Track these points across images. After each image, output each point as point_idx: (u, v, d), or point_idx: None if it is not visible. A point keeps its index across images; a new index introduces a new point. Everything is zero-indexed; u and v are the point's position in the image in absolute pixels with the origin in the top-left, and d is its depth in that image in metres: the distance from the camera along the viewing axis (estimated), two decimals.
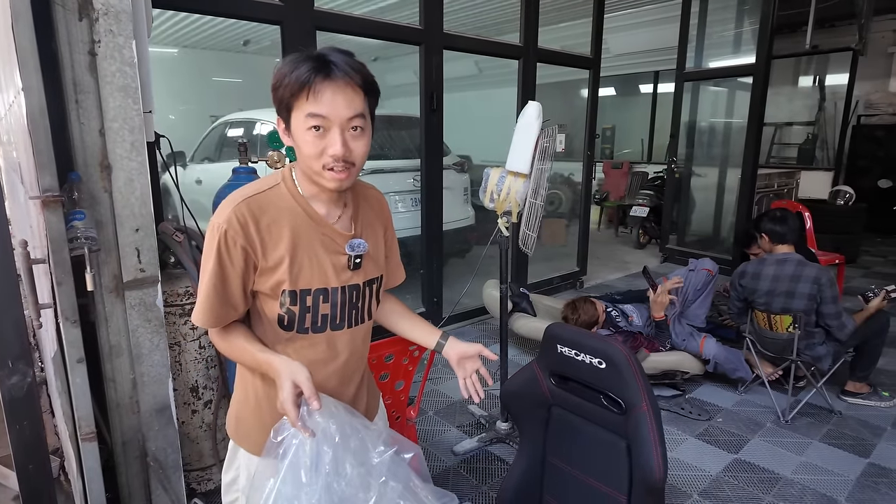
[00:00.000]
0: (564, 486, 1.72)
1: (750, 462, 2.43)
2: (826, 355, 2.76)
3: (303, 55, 0.98)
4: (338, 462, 1.01)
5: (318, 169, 1.00)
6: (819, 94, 8.32)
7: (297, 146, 1.01)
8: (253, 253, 1.02)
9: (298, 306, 1.07)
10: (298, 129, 0.99)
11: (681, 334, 3.05)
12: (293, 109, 0.99)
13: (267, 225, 1.02)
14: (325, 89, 0.96)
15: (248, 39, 7.94)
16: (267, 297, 1.06)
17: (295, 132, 1.00)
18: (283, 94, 0.98)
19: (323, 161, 0.99)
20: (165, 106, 7.38)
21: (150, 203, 1.64)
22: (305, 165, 1.02)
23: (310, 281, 1.07)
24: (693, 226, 6.52)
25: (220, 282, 1.02)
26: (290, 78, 0.96)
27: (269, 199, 1.04)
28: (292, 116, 1.00)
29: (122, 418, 1.69)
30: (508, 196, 2.35)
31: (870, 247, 6.66)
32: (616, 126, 10.69)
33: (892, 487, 2.25)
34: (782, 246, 2.84)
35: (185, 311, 2.04)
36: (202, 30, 7.26)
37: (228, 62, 8.59)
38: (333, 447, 1.00)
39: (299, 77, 0.95)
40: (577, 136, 5.52)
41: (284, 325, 1.08)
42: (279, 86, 0.99)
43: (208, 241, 1.02)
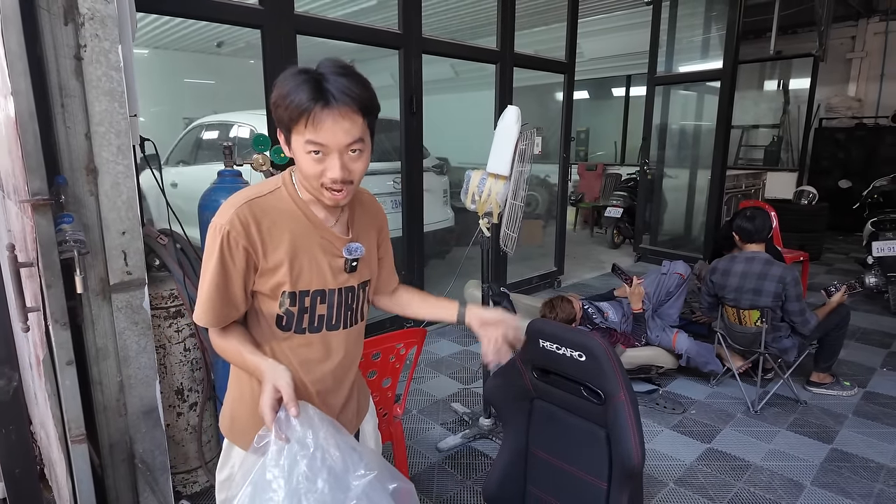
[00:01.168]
0: (547, 476, 1.78)
1: (722, 451, 2.54)
2: (792, 347, 2.90)
3: (302, 75, 0.97)
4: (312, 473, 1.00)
5: (316, 186, 1.03)
6: (783, 97, 8.64)
7: (297, 162, 1.03)
8: (254, 254, 1.05)
9: (297, 307, 1.10)
10: (298, 150, 1.01)
11: (654, 330, 3.16)
12: (292, 132, 1.00)
13: (268, 227, 1.05)
14: (324, 119, 0.95)
15: (222, 41, 7.85)
16: (266, 297, 1.09)
17: (295, 151, 1.02)
18: (282, 116, 0.99)
19: (322, 181, 1.02)
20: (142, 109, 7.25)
21: (137, 206, 1.65)
22: (306, 177, 1.04)
23: (308, 282, 1.10)
24: (665, 226, 6.71)
25: (222, 281, 1.04)
26: (289, 101, 0.96)
27: (270, 203, 1.06)
28: (292, 137, 1.01)
29: (110, 421, 1.69)
30: (489, 198, 2.41)
31: (832, 244, 6.95)
32: (590, 129, 10.90)
33: (853, 471, 2.38)
34: (751, 244, 2.97)
35: (170, 313, 2.04)
36: (175, 31, 7.16)
37: (201, 64, 8.48)
38: (308, 458, 1.00)
39: (299, 105, 0.95)
40: (552, 139, 5.63)
41: (283, 325, 1.11)
42: (278, 106, 0.99)
43: (210, 241, 1.04)
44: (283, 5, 2.80)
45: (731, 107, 5.41)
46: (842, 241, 7.24)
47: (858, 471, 2.38)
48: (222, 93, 7.85)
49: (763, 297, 2.80)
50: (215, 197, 1.82)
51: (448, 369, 3.41)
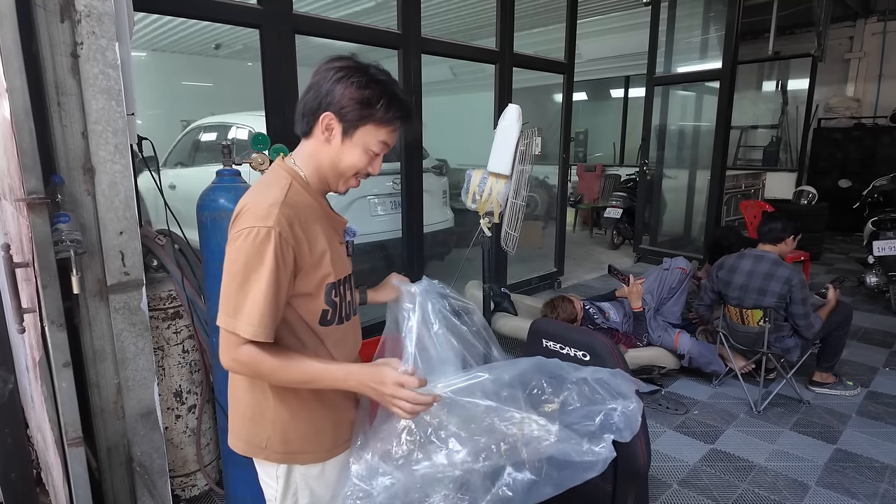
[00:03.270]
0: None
1: (725, 451, 2.52)
2: (794, 347, 2.88)
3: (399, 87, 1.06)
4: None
5: (346, 176, 1.09)
6: (782, 98, 8.64)
7: (339, 152, 1.06)
8: (298, 253, 1.01)
9: (339, 297, 1.10)
10: (359, 145, 1.05)
11: (656, 330, 3.14)
12: (367, 127, 1.04)
13: (305, 221, 1.03)
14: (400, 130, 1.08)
15: (220, 43, 7.83)
16: (308, 296, 1.05)
17: (349, 144, 1.05)
18: (372, 114, 1.03)
19: (356, 173, 1.09)
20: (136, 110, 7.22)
21: (135, 206, 1.63)
22: (337, 169, 1.07)
23: (339, 270, 1.10)
24: (665, 226, 6.69)
25: (277, 288, 0.97)
26: (385, 104, 1.03)
27: (295, 197, 1.04)
28: (363, 131, 1.04)
29: (107, 424, 1.67)
30: (490, 197, 2.39)
31: (832, 244, 6.94)
32: (588, 130, 10.90)
33: (858, 471, 2.36)
34: (763, 244, 2.95)
35: (169, 315, 2.02)
36: (172, 33, 7.14)
37: (200, 66, 8.46)
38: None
39: (398, 111, 1.05)
40: (551, 140, 5.61)
41: (327, 319, 1.09)
42: (371, 103, 1.02)
43: (255, 246, 0.96)
44: (281, 5, 2.79)
45: (730, 107, 5.40)
46: (841, 241, 7.24)
47: (863, 471, 2.36)
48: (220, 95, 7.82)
49: (768, 298, 2.78)
50: (214, 197, 1.80)
51: None
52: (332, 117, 1.03)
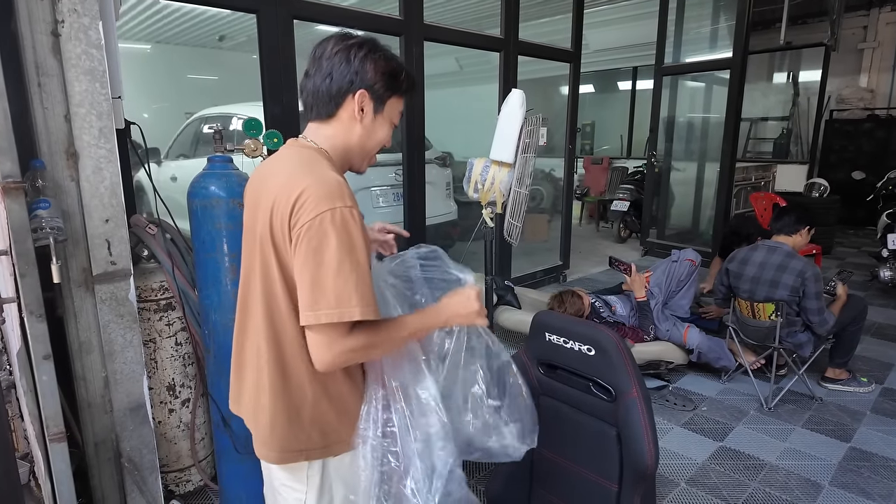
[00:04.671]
0: (554, 476, 1.69)
1: (735, 449, 2.45)
2: (807, 342, 2.79)
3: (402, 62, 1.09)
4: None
5: (372, 153, 1.12)
6: (793, 89, 8.48)
7: (371, 130, 1.07)
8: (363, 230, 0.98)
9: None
10: (386, 117, 1.08)
11: (664, 324, 3.06)
12: (393, 99, 1.08)
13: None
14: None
15: (224, 35, 7.77)
16: None
17: (380, 119, 1.07)
18: (399, 85, 1.06)
19: (378, 148, 1.11)
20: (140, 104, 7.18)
21: (121, 192, 1.57)
22: (366, 147, 1.09)
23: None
24: (673, 219, 6.58)
25: (367, 265, 0.95)
26: (405, 76, 1.07)
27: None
28: (390, 104, 1.08)
29: (94, 418, 1.62)
30: (493, 186, 2.31)
31: (843, 238, 6.81)
32: (595, 122, 10.76)
33: (873, 471, 2.28)
34: (777, 236, 2.86)
35: (161, 306, 1.96)
36: (176, 24, 7.07)
37: (204, 58, 8.40)
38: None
39: (412, 83, 1.10)
40: (557, 132, 5.51)
41: None
42: (396, 74, 1.05)
43: (338, 226, 0.91)
44: None
45: (740, 97, 5.28)
46: (853, 234, 7.10)
47: (879, 470, 2.28)
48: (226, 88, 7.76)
49: (780, 290, 2.69)
50: (205, 184, 1.73)
51: None
52: (366, 95, 1.03)
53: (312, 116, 1.07)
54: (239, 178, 1.79)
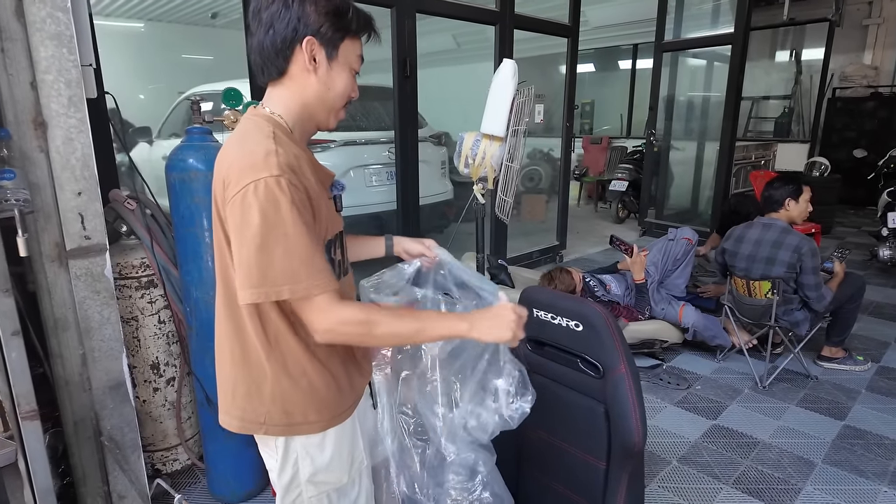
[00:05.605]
0: (542, 455, 1.67)
1: (728, 427, 2.43)
2: (804, 320, 2.76)
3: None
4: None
5: (338, 106, 1.02)
6: (795, 67, 8.33)
7: (327, 80, 0.98)
8: (309, 201, 0.91)
9: (335, 254, 1.03)
10: (342, 64, 0.99)
11: (659, 303, 3.03)
12: (346, 42, 0.98)
13: (300, 172, 0.91)
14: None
15: (217, 12, 7.61)
16: None
17: (336, 67, 0.98)
18: (348, 24, 0.97)
19: (343, 101, 1.02)
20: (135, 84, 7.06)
21: (94, 164, 1.51)
22: (326, 102, 1.00)
23: (332, 226, 1.02)
24: (671, 199, 6.51)
25: (312, 235, 0.88)
26: (354, 12, 0.97)
27: (284, 147, 0.92)
28: (344, 48, 0.98)
29: (73, 396, 1.58)
30: (483, 161, 2.25)
31: (843, 218, 6.75)
32: (595, 102, 10.61)
33: (867, 449, 2.26)
34: (769, 212, 2.81)
35: (142, 283, 1.92)
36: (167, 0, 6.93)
37: (197, 37, 8.25)
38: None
39: (367, 21, 1.00)
40: (556, 113, 5.40)
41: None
42: (344, 13, 0.96)
43: (261, 198, 0.85)
44: None
45: (741, 73, 5.18)
46: (853, 214, 7.04)
47: (872, 448, 2.26)
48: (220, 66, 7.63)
49: (776, 267, 2.65)
50: (183, 156, 1.67)
51: None
52: (314, 41, 0.94)
53: (265, 78, 1.00)
54: (218, 150, 1.73)
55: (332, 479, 1.06)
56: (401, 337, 1.02)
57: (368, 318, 0.92)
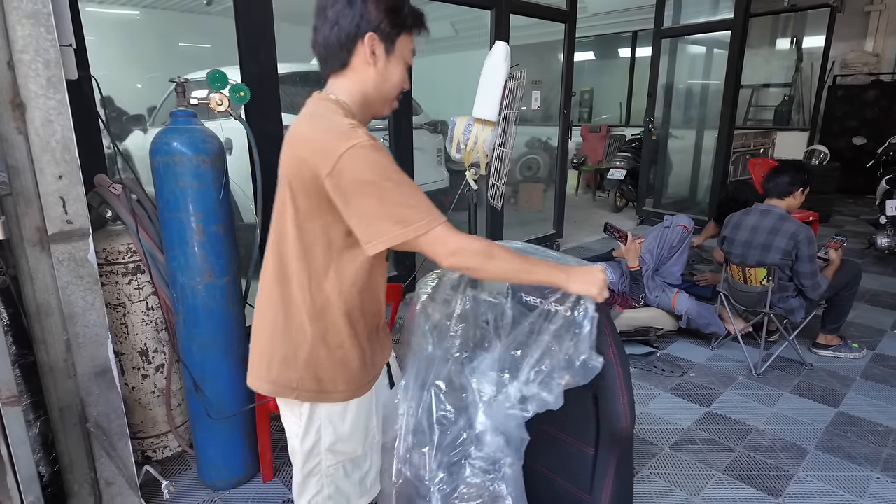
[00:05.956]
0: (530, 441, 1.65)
1: (721, 414, 2.42)
2: (799, 308, 2.74)
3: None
4: None
5: (391, 97, 1.12)
6: (796, 54, 8.26)
7: (384, 73, 1.07)
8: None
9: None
10: (397, 58, 1.08)
11: (654, 290, 3.01)
12: (402, 37, 1.07)
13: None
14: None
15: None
16: None
17: (392, 60, 1.07)
18: (404, 20, 1.05)
19: (397, 92, 1.12)
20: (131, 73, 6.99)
21: (75, 147, 1.48)
22: (383, 92, 1.09)
23: None
24: (670, 188, 6.48)
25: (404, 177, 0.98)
26: (410, 10, 1.06)
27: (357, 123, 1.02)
28: (400, 43, 1.07)
29: (57, 382, 1.56)
30: (476, 146, 2.22)
31: (842, 206, 6.72)
32: (595, 90, 10.53)
33: (860, 435, 2.25)
34: (770, 199, 2.78)
35: (129, 269, 1.90)
36: None
37: (193, 24, 8.16)
38: None
39: (419, 17, 1.09)
40: (554, 102, 5.36)
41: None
42: (400, 9, 1.05)
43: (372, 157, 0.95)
44: None
45: (741, 59, 5.12)
46: (852, 203, 7.01)
47: (865, 435, 2.25)
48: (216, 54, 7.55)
49: (772, 254, 2.63)
50: (167, 140, 1.64)
51: None
52: (374, 37, 1.04)
53: (328, 70, 1.09)
54: (203, 133, 1.70)
55: (348, 450, 1.15)
56: (509, 273, 1.08)
57: (488, 249, 1.02)
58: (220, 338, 1.82)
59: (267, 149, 2.81)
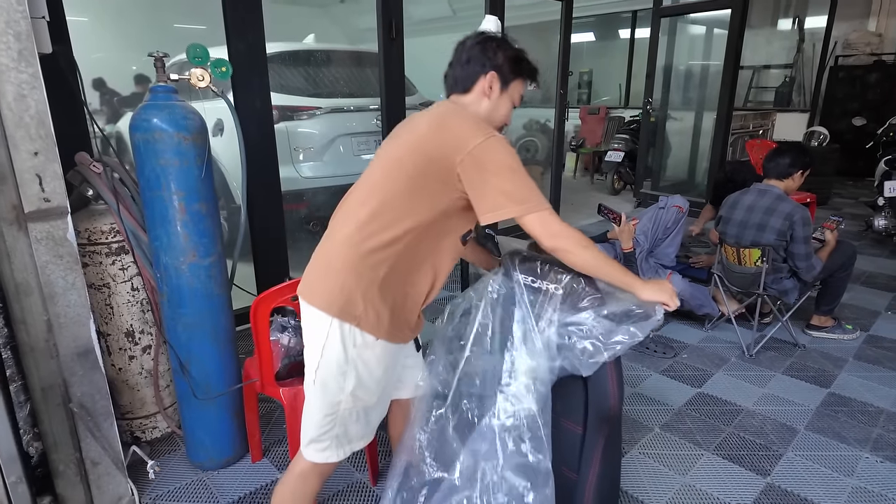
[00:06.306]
0: None
1: (712, 395, 2.42)
2: (793, 289, 2.73)
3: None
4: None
5: (497, 127, 1.34)
6: (798, 35, 8.14)
7: (495, 104, 1.33)
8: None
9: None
10: (508, 98, 1.34)
11: (647, 272, 2.99)
12: (517, 81, 1.34)
13: None
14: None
15: None
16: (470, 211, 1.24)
17: (504, 96, 1.33)
18: (522, 69, 1.33)
19: (501, 123, 1.36)
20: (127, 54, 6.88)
21: (49, 122, 1.45)
22: (491, 119, 1.33)
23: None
24: (668, 170, 6.43)
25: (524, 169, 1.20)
26: (527, 63, 1.35)
27: None
28: (514, 85, 1.34)
29: (39, 363, 1.55)
30: None
31: (841, 189, 6.68)
32: (594, 71, 10.41)
33: (850, 416, 2.25)
34: (768, 179, 2.75)
35: (113, 249, 1.87)
36: None
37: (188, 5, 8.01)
38: None
39: (534, 71, 1.36)
40: (553, 84, 5.28)
41: (465, 237, 1.37)
42: (522, 61, 1.33)
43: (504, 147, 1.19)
44: None
45: (741, 38, 5.04)
46: (851, 185, 6.96)
47: (856, 415, 2.25)
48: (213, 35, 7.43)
49: (767, 234, 2.60)
50: (146, 116, 1.60)
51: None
52: (495, 75, 1.30)
53: (455, 90, 1.35)
54: (184, 110, 1.66)
55: (365, 398, 1.28)
56: (596, 265, 1.25)
57: (584, 240, 1.24)
58: (205, 318, 1.80)
59: (256, 128, 2.80)
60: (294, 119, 3.74)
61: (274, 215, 2.95)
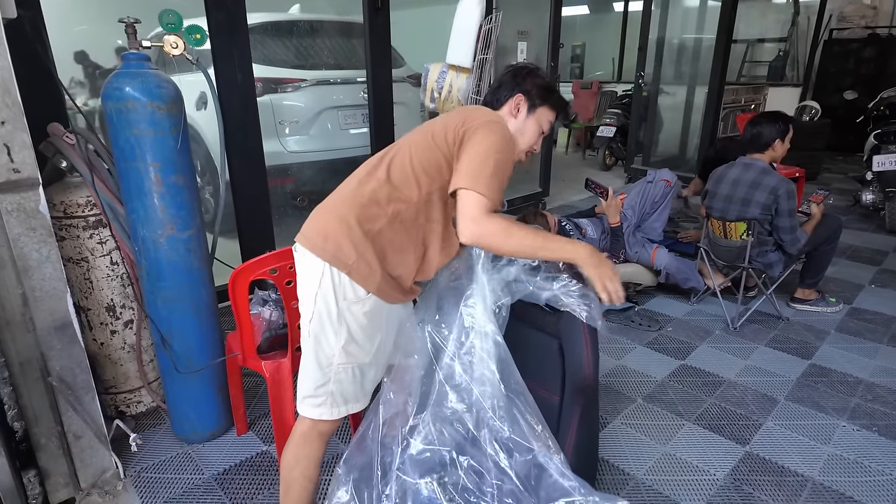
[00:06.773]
0: None
1: (696, 367, 2.44)
2: (777, 262, 2.74)
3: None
4: None
5: (522, 150, 1.42)
6: (793, 7, 8.04)
7: (521, 125, 1.40)
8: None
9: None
10: (536, 122, 1.41)
11: (634, 246, 2.99)
12: (545, 108, 1.40)
13: None
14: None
15: None
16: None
17: (530, 120, 1.40)
18: (550, 97, 1.41)
19: (528, 147, 1.43)
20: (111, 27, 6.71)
21: (16, 91, 1.40)
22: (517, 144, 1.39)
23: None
24: (660, 146, 6.39)
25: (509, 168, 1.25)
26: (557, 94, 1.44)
27: None
28: (541, 111, 1.40)
29: (16, 337, 1.53)
30: (450, 95, 2.15)
31: (831, 164, 6.68)
32: (587, 45, 10.26)
33: (830, 386, 2.29)
34: (751, 153, 2.73)
35: (90, 223, 1.84)
36: None
37: None
38: None
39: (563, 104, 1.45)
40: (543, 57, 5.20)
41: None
42: (551, 90, 1.42)
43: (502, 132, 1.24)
44: None
45: (734, 11, 4.97)
46: (841, 161, 6.96)
47: (835, 385, 2.29)
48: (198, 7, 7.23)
49: (752, 208, 2.60)
50: (119, 84, 1.56)
51: None
52: (522, 98, 1.39)
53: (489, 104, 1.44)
54: (158, 78, 1.62)
55: (358, 354, 1.29)
56: (526, 249, 1.22)
57: (508, 229, 1.18)
58: (185, 292, 1.78)
59: (237, 101, 2.74)
60: (279, 91, 3.66)
61: (259, 190, 2.91)
